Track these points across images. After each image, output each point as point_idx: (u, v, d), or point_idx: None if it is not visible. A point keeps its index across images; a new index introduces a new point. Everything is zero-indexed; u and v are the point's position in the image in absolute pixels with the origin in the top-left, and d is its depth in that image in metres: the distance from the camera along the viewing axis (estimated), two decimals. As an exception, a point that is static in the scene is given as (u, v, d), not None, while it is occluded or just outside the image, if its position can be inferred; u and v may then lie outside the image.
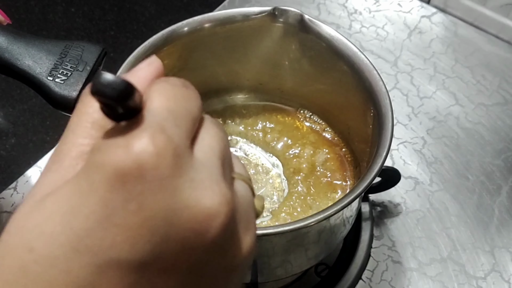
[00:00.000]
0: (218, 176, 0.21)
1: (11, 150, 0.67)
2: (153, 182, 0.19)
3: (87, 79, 0.42)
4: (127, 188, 0.19)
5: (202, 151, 0.21)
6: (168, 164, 0.19)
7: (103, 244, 0.19)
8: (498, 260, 0.53)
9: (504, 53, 0.68)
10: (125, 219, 0.19)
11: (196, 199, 0.20)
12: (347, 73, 0.46)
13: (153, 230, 0.19)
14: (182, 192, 0.19)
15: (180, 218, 0.19)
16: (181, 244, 0.20)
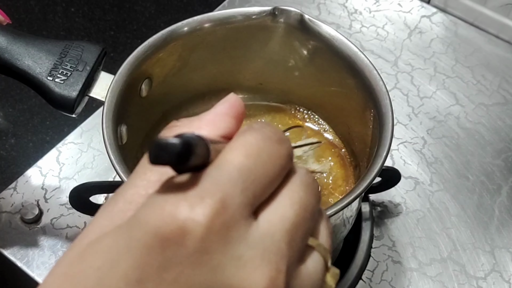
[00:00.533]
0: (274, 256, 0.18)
1: (11, 150, 0.67)
2: (194, 254, 0.17)
3: (86, 79, 0.42)
4: (166, 255, 0.17)
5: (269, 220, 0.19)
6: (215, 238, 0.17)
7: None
8: (498, 260, 0.53)
9: (504, 53, 0.68)
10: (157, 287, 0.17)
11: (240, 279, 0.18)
12: (347, 73, 0.45)
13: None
14: (224, 270, 0.18)
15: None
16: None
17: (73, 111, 0.42)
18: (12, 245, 0.52)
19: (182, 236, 0.17)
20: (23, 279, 0.52)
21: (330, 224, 0.22)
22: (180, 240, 0.17)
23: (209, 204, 0.17)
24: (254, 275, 0.18)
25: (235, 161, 0.19)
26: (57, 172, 0.57)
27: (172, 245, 0.17)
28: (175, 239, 0.17)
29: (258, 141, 0.20)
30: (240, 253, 0.18)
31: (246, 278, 0.18)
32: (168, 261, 0.17)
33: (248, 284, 0.18)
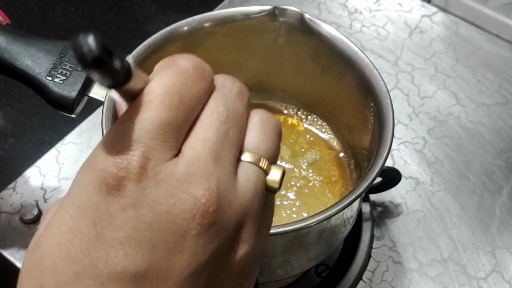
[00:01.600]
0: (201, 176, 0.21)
1: (10, 150, 0.67)
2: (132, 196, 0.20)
3: (86, 79, 0.42)
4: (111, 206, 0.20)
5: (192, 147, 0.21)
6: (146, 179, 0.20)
7: (100, 262, 0.20)
8: (499, 260, 0.53)
9: (505, 52, 0.68)
10: (113, 234, 0.20)
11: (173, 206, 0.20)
12: (348, 72, 0.45)
13: (140, 240, 0.20)
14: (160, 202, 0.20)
15: (161, 225, 0.20)
16: (168, 249, 0.20)
17: (73, 111, 0.42)
18: (11, 245, 0.52)
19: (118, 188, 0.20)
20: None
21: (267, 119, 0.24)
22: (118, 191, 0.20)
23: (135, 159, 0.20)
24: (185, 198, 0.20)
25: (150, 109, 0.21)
26: (56, 172, 0.57)
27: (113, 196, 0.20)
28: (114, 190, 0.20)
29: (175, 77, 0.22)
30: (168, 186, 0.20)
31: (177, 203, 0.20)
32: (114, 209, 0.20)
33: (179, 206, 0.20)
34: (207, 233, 0.21)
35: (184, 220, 0.20)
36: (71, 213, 0.20)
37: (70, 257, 0.20)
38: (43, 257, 0.21)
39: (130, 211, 0.20)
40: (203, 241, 0.21)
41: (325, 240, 0.44)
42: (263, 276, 0.46)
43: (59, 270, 0.20)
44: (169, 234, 0.20)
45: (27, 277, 0.21)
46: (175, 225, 0.20)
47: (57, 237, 0.20)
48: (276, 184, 0.23)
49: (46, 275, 0.21)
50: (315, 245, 0.44)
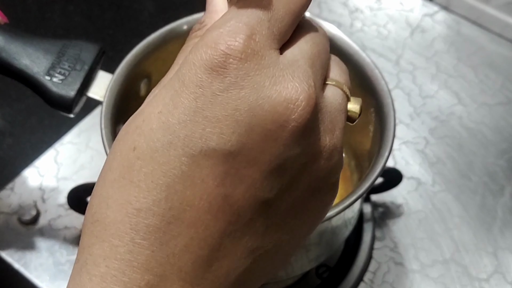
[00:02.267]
0: (302, 74, 0.22)
1: (8, 150, 0.67)
2: (237, 77, 0.21)
3: (85, 78, 0.42)
4: (215, 83, 0.21)
5: (292, 52, 0.23)
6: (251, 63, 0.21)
7: (194, 135, 0.21)
8: (501, 261, 0.53)
9: (507, 52, 0.68)
10: (213, 111, 0.21)
11: (277, 92, 0.21)
12: (349, 71, 0.45)
13: (238, 121, 0.21)
14: (263, 86, 0.21)
15: (262, 109, 0.21)
16: (264, 135, 0.21)
17: (71, 111, 0.42)
18: (10, 246, 0.52)
19: (225, 66, 0.21)
20: (21, 280, 0.51)
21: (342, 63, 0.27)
22: (224, 69, 0.21)
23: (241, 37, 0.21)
24: (288, 88, 0.21)
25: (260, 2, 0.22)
26: (55, 172, 0.56)
27: (219, 75, 0.21)
28: (220, 69, 0.21)
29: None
30: (273, 73, 0.21)
31: (282, 90, 0.21)
32: (217, 88, 0.21)
33: (284, 95, 0.21)
34: (305, 129, 0.21)
35: (287, 109, 0.21)
36: (176, 87, 0.21)
37: (167, 126, 0.21)
38: (142, 123, 0.22)
39: (233, 90, 0.21)
40: (299, 135, 0.21)
41: (326, 241, 0.44)
42: (263, 278, 0.45)
43: (155, 136, 0.21)
44: (269, 120, 0.21)
45: (122, 140, 0.22)
46: (276, 112, 0.21)
47: (159, 107, 0.21)
48: (357, 111, 0.26)
49: (142, 138, 0.21)
50: (316, 246, 0.44)
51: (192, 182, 0.21)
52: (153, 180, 0.21)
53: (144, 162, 0.21)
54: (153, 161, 0.21)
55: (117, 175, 0.22)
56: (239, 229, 0.22)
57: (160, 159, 0.21)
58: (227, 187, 0.21)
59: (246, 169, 0.21)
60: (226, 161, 0.21)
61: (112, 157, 0.22)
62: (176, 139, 0.21)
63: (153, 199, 0.21)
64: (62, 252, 0.52)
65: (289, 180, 0.22)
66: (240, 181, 0.21)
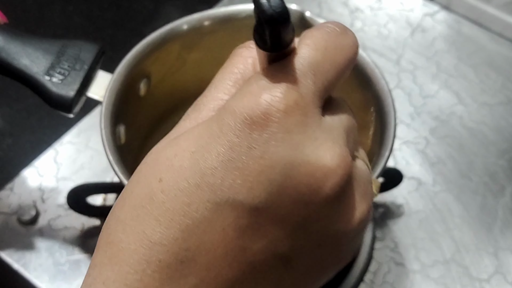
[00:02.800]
0: (341, 141, 0.22)
1: (7, 150, 0.67)
2: (278, 134, 0.20)
3: (84, 78, 0.42)
4: (253, 136, 0.20)
5: (331, 118, 0.22)
6: (295, 120, 0.20)
7: (224, 184, 0.20)
8: (501, 262, 0.53)
9: (508, 51, 0.68)
10: (246, 164, 0.20)
11: (316, 157, 0.21)
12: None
13: (271, 179, 0.20)
14: (304, 148, 0.21)
15: (298, 172, 0.20)
16: (295, 197, 0.21)
17: (71, 111, 0.42)
18: (9, 246, 0.52)
19: (266, 119, 0.20)
20: (20, 281, 0.51)
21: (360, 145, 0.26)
22: (265, 122, 0.20)
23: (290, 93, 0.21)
24: (329, 154, 0.21)
25: (307, 55, 0.22)
26: (54, 172, 0.56)
27: (258, 127, 0.20)
28: (260, 122, 0.20)
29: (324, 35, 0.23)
30: (316, 135, 0.21)
31: (322, 156, 0.21)
32: (256, 141, 0.20)
33: (322, 160, 0.21)
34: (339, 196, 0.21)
35: (324, 176, 0.21)
36: (213, 130, 0.21)
37: (198, 169, 0.21)
38: (174, 157, 0.21)
39: (271, 146, 0.20)
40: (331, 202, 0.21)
41: (326, 241, 0.44)
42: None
43: (183, 175, 0.21)
44: (303, 184, 0.20)
45: (150, 168, 0.22)
46: (312, 177, 0.21)
47: (194, 147, 0.21)
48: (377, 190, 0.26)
49: (170, 173, 0.21)
50: (316, 247, 0.44)
51: (212, 229, 0.21)
52: (173, 218, 0.21)
53: (167, 197, 0.21)
54: (177, 199, 0.21)
55: (138, 202, 0.21)
56: (252, 280, 0.21)
57: (184, 199, 0.21)
58: (247, 241, 0.21)
59: (270, 226, 0.21)
60: (250, 216, 0.20)
61: (136, 181, 0.22)
62: (204, 184, 0.21)
63: (170, 236, 0.21)
64: (61, 252, 0.52)
65: (313, 243, 0.22)
66: (262, 236, 0.21)
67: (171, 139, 0.22)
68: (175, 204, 0.21)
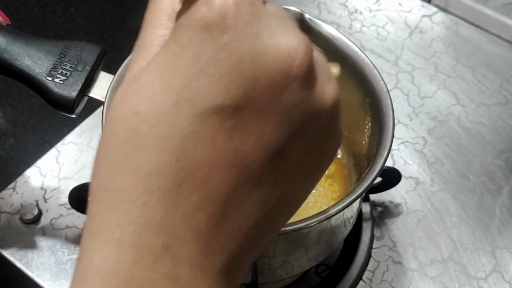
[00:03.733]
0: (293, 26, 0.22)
1: (10, 150, 0.67)
2: (236, 29, 0.20)
3: (86, 79, 0.42)
4: (215, 39, 0.20)
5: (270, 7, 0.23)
6: (247, 11, 0.21)
7: (200, 94, 0.20)
8: (499, 260, 0.53)
9: (505, 52, 0.68)
10: (216, 68, 0.20)
11: (276, 41, 0.21)
12: (348, 72, 0.45)
13: (243, 74, 0.20)
14: (263, 36, 0.21)
15: (265, 59, 0.21)
16: (269, 84, 0.21)
17: (73, 111, 0.42)
18: (11, 245, 0.52)
19: (222, 18, 0.20)
20: (23, 279, 0.52)
21: None
22: (222, 22, 0.20)
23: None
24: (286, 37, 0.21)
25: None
26: (56, 172, 0.57)
27: (217, 30, 0.20)
28: (218, 23, 0.20)
29: None
30: (269, 22, 0.21)
31: (281, 39, 0.21)
32: (218, 43, 0.20)
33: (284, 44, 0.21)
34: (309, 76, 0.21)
35: (289, 57, 0.21)
36: (174, 50, 0.21)
37: (171, 88, 0.21)
38: (143, 86, 0.21)
39: (234, 44, 0.20)
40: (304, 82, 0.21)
41: (325, 240, 0.44)
42: (263, 276, 0.46)
43: (159, 99, 0.21)
44: (273, 69, 0.21)
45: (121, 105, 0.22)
46: (279, 61, 0.21)
47: (161, 70, 0.21)
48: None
49: (144, 103, 0.21)
50: (315, 245, 0.44)
51: (202, 141, 0.21)
52: (161, 143, 0.21)
53: (150, 126, 0.21)
54: (160, 123, 0.21)
55: (121, 141, 0.21)
56: (250, 182, 0.22)
57: (167, 121, 0.21)
58: (237, 141, 0.21)
59: (255, 121, 0.21)
60: (234, 115, 0.21)
61: (112, 123, 0.22)
62: (182, 100, 0.21)
63: (164, 161, 0.21)
64: (63, 251, 0.52)
65: (298, 129, 0.22)
66: (249, 133, 0.21)
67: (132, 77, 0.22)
68: (159, 129, 0.21)
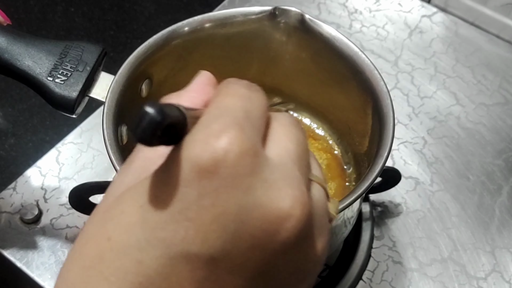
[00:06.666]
0: (293, 178, 0.20)
1: (10, 150, 0.67)
2: (227, 179, 0.19)
3: (87, 80, 0.42)
4: (203, 184, 0.19)
5: (276, 152, 0.21)
6: (243, 163, 0.19)
7: (176, 237, 0.19)
8: (499, 260, 0.53)
9: (505, 52, 0.68)
10: (198, 214, 0.19)
11: (269, 199, 0.19)
12: (348, 73, 0.45)
13: (225, 227, 0.19)
14: (255, 191, 0.19)
15: (252, 217, 0.19)
16: (251, 243, 0.19)
17: (73, 112, 0.42)
18: (12, 245, 0.52)
19: (214, 165, 0.19)
20: (23, 279, 0.52)
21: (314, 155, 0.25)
22: (214, 168, 0.19)
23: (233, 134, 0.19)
24: (281, 195, 0.20)
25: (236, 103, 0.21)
26: (56, 172, 0.57)
27: (207, 174, 0.19)
28: (209, 168, 0.19)
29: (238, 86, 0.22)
30: (265, 176, 0.20)
31: (274, 198, 0.19)
32: (206, 189, 0.19)
33: (276, 203, 0.19)
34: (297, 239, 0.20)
35: (278, 218, 0.19)
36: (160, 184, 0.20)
37: (147, 223, 0.20)
38: (121, 213, 0.20)
39: (222, 192, 0.19)
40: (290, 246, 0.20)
41: (325, 240, 0.44)
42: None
43: (132, 231, 0.20)
44: (258, 228, 0.19)
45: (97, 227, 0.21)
46: (267, 221, 0.19)
47: (141, 199, 0.20)
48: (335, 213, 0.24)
49: (118, 231, 0.20)
50: (315, 245, 0.44)
51: (168, 285, 0.19)
52: (124, 277, 0.19)
53: (117, 256, 0.20)
54: (127, 257, 0.20)
55: (87, 263, 0.20)
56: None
57: (134, 256, 0.19)
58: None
59: (228, 276, 0.20)
60: (207, 267, 0.19)
61: (84, 242, 0.21)
62: (154, 239, 0.19)
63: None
64: (63, 251, 0.52)
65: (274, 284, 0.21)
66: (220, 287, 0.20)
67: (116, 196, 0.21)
68: (126, 262, 0.20)
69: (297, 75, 0.51)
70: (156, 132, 0.18)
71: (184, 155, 0.19)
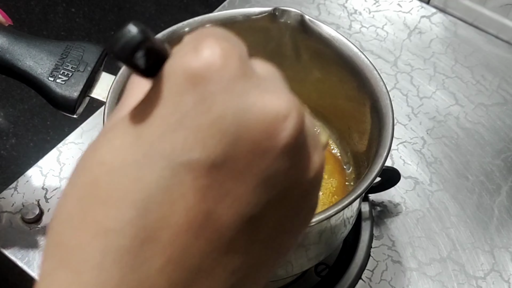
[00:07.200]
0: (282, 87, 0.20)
1: (11, 150, 0.67)
2: (221, 83, 0.19)
3: (88, 80, 0.42)
4: (197, 90, 0.19)
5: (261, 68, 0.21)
6: (235, 66, 0.19)
7: (175, 147, 0.19)
8: (497, 260, 0.54)
9: (504, 53, 0.68)
10: (195, 121, 0.19)
11: (265, 101, 0.19)
12: (348, 73, 0.46)
13: (224, 130, 0.19)
14: (250, 94, 0.19)
15: (250, 118, 0.19)
16: (252, 146, 0.19)
17: (74, 112, 0.42)
18: (13, 245, 0.52)
19: (208, 70, 0.19)
20: (24, 279, 0.52)
21: None
22: (207, 73, 0.19)
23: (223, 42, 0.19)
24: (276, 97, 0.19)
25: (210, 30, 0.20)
26: (57, 172, 0.57)
27: (201, 80, 0.19)
28: (203, 74, 0.19)
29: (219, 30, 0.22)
30: (257, 82, 0.20)
31: (270, 100, 0.19)
32: (200, 95, 0.19)
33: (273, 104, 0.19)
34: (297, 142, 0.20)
35: (277, 120, 0.19)
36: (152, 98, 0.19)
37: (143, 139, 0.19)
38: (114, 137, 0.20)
39: (217, 96, 0.19)
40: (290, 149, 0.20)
41: (325, 240, 0.44)
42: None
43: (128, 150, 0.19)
44: (257, 130, 0.19)
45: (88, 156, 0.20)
46: (265, 122, 0.19)
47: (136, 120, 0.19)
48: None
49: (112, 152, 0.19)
50: (315, 245, 0.44)
51: (171, 198, 0.19)
52: (124, 197, 0.19)
53: (114, 177, 0.19)
54: (125, 176, 0.19)
55: (82, 193, 0.19)
56: (221, 248, 0.20)
57: (133, 174, 0.19)
58: (210, 203, 0.19)
59: (231, 183, 0.19)
60: (209, 174, 0.19)
61: (76, 174, 0.20)
62: (152, 152, 0.19)
63: (125, 218, 0.18)
64: (64, 250, 0.52)
65: (277, 196, 0.20)
66: (224, 195, 0.19)
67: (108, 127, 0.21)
68: (123, 181, 0.19)
69: (297, 75, 0.51)
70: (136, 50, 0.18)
71: (175, 65, 0.19)
